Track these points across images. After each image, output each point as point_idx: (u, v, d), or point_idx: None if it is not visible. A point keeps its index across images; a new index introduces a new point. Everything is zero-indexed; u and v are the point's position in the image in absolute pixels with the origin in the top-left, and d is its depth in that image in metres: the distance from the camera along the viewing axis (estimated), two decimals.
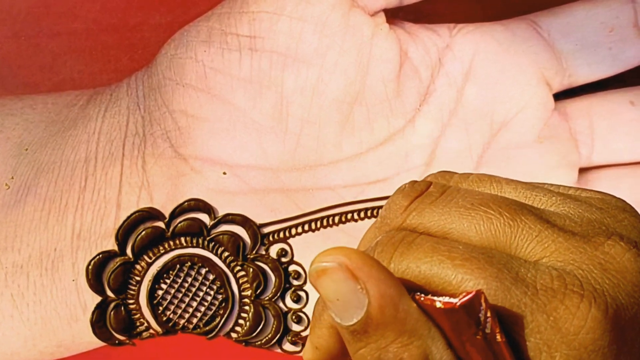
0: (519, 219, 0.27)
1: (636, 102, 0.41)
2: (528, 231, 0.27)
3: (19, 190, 0.40)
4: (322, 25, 0.39)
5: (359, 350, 0.27)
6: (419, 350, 0.26)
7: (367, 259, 0.26)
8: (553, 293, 0.26)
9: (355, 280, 0.26)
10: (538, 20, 0.41)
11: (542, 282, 0.26)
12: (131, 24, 0.43)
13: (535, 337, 0.26)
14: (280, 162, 0.40)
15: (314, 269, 0.26)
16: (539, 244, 0.27)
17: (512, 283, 0.26)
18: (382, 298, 0.26)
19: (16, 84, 0.43)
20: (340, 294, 0.26)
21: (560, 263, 0.27)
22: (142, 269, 0.39)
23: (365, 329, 0.26)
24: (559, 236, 0.27)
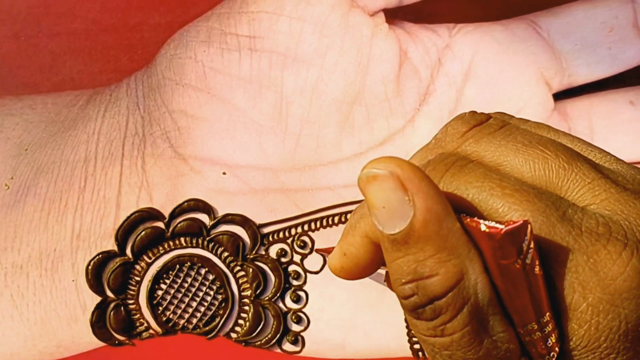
0: (574, 164, 0.28)
1: (636, 102, 0.41)
2: (582, 177, 0.28)
3: (19, 191, 0.40)
4: (322, 25, 0.39)
5: (396, 260, 0.27)
6: (456, 269, 0.27)
7: (418, 172, 0.26)
8: (597, 237, 0.26)
9: (404, 191, 0.26)
10: (538, 20, 0.41)
11: (588, 225, 0.27)
12: (131, 24, 0.43)
13: (572, 275, 0.26)
14: (280, 162, 0.40)
15: (365, 174, 0.27)
16: (590, 190, 0.28)
17: (558, 220, 0.27)
18: (427, 212, 0.26)
19: (16, 84, 0.43)
20: (387, 202, 0.26)
21: (608, 212, 0.27)
22: (141, 269, 0.39)
23: (406, 239, 0.26)
24: (611, 187, 0.28)
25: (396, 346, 0.39)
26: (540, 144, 0.28)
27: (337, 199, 0.40)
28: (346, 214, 0.40)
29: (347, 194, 0.40)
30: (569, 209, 0.27)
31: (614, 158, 0.29)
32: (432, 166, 0.28)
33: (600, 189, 0.28)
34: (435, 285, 0.27)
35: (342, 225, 0.40)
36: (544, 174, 0.28)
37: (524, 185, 0.27)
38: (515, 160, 0.28)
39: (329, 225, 0.40)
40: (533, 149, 0.28)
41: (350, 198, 0.40)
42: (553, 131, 0.30)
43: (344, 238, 0.30)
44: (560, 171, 0.28)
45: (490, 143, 0.29)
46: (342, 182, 0.40)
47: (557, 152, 0.28)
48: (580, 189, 0.28)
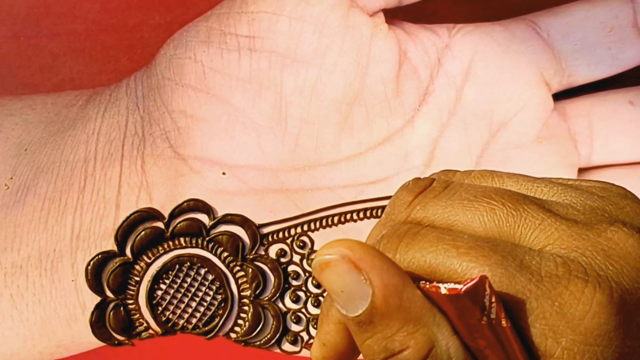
0: (521, 208, 0.28)
1: (635, 102, 0.41)
2: (531, 220, 0.27)
3: (18, 191, 0.40)
4: (321, 26, 0.39)
5: (365, 341, 0.27)
6: (425, 338, 0.27)
7: (369, 250, 0.26)
8: (558, 279, 0.26)
9: (359, 271, 0.26)
10: (537, 20, 0.41)
11: (547, 269, 0.26)
12: (130, 25, 0.43)
13: (541, 323, 0.26)
14: (280, 162, 0.40)
15: (317, 262, 0.27)
16: (542, 232, 0.27)
17: (517, 270, 0.26)
18: (385, 288, 0.26)
19: (15, 84, 0.43)
20: (344, 286, 0.26)
21: (564, 250, 0.27)
22: (141, 269, 0.39)
23: (371, 319, 0.26)
24: (562, 224, 0.27)
25: None
26: (485, 196, 0.28)
27: (337, 199, 0.40)
28: (345, 214, 0.40)
29: (347, 194, 0.40)
30: (526, 255, 0.27)
31: (561, 188, 0.29)
32: (386, 240, 0.28)
33: (551, 229, 0.27)
34: (408, 358, 0.27)
35: (341, 225, 0.40)
36: (495, 224, 0.28)
37: (477, 241, 0.27)
38: (465, 217, 0.28)
39: (329, 226, 0.40)
40: (479, 202, 0.28)
41: (349, 198, 0.40)
42: (497, 176, 0.30)
43: (320, 327, 0.30)
44: (509, 219, 0.28)
45: (437, 206, 0.28)
46: (341, 183, 0.40)
47: (502, 200, 0.28)
48: (532, 232, 0.27)
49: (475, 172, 0.30)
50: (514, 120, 0.41)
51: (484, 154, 0.40)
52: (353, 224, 0.40)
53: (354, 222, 0.40)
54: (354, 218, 0.40)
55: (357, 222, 0.40)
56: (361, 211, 0.40)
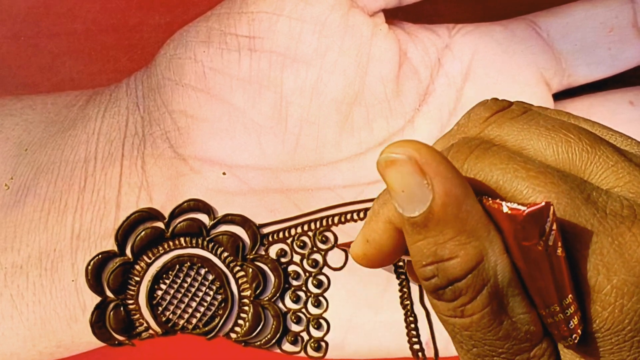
0: (597, 147, 0.28)
1: (635, 102, 0.41)
2: (605, 160, 0.28)
3: (19, 191, 0.40)
4: (322, 26, 0.39)
5: (416, 242, 0.27)
6: (476, 251, 0.27)
7: (436, 156, 0.26)
8: (622, 219, 0.26)
9: (423, 174, 0.26)
10: (537, 20, 0.41)
11: (612, 207, 0.27)
12: (130, 25, 0.43)
13: (597, 257, 0.26)
14: (280, 162, 0.40)
15: (383, 158, 0.27)
16: (613, 173, 0.28)
17: (583, 203, 0.27)
18: (446, 196, 0.26)
19: (16, 85, 0.43)
20: (406, 186, 0.26)
21: (632, 194, 0.27)
22: (141, 270, 0.39)
23: (426, 223, 0.27)
24: (634, 170, 0.28)
25: (396, 346, 0.39)
26: (563, 127, 0.28)
27: (337, 199, 0.40)
28: (346, 214, 0.40)
29: (347, 194, 0.40)
30: (594, 191, 0.27)
31: (635, 142, 0.29)
32: (456, 149, 0.28)
33: (623, 172, 0.27)
34: (455, 267, 0.27)
35: (341, 225, 0.40)
36: (567, 157, 0.28)
37: (548, 168, 0.27)
38: (539, 143, 0.28)
39: (329, 226, 0.40)
40: (556, 133, 0.28)
41: (350, 198, 0.40)
42: (573, 117, 0.30)
43: (367, 225, 0.30)
44: (583, 154, 0.28)
45: (512, 127, 0.29)
46: (342, 183, 0.40)
47: (579, 135, 0.28)
48: (604, 172, 0.28)
49: (552, 109, 0.31)
50: None
51: None
52: (353, 224, 0.40)
53: (354, 222, 0.40)
54: (354, 218, 0.40)
55: (358, 222, 0.40)
56: (361, 211, 0.40)
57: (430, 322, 0.39)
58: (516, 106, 0.30)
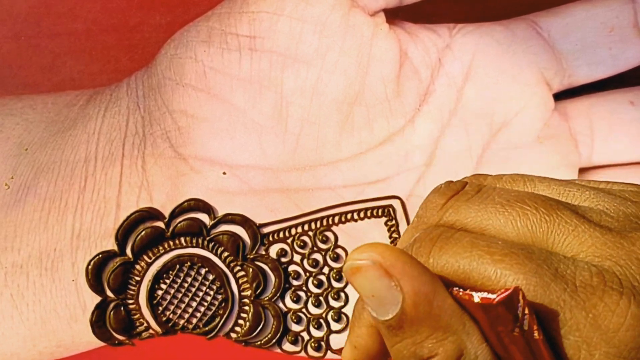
0: (555, 214, 0.28)
1: (636, 102, 0.41)
2: (565, 226, 0.27)
3: (19, 190, 0.40)
4: (322, 26, 0.39)
5: (395, 345, 0.27)
6: (454, 345, 0.27)
7: (400, 256, 0.26)
8: (592, 290, 0.26)
9: (389, 277, 0.26)
10: (538, 20, 0.41)
11: (581, 278, 0.26)
12: (131, 24, 0.43)
13: (574, 334, 0.26)
14: (280, 162, 0.40)
15: (349, 266, 0.27)
16: (575, 238, 0.27)
17: (552, 279, 0.26)
18: (415, 295, 0.26)
19: (16, 84, 0.43)
20: (374, 291, 0.26)
21: (598, 259, 0.27)
22: (141, 269, 0.39)
23: (400, 324, 0.27)
24: (595, 231, 0.27)
25: None
26: (518, 200, 0.28)
27: (337, 199, 0.40)
28: (346, 214, 0.40)
29: (347, 194, 0.40)
30: (561, 264, 0.27)
31: (593, 193, 0.29)
32: (418, 244, 0.28)
33: (585, 235, 0.27)
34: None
35: (342, 225, 0.40)
36: (528, 230, 0.28)
37: (512, 247, 0.27)
38: (497, 221, 0.28)
39: (329, 225, 0.40)
40: (512, 207, 0.28)
41: (350, 198, 0.40)
42: (528, 180, 0.30)
43: (352, 331, 0.30)
44: (542, 224, 0.28)
45: (470, 209, 0.28)
46: (342, 182, 0.40)
47: (536, 205, 0.28)
48: (566, 239, 0.27)
49: (506, 176, 0.30)
50: (514, 120, 0.41)
51: (484, 153, 0.40)
52: (353, 223, 0.40)
53: (354, 222, 0.40)
54: (354, 218, 0.40)
55: (358, 222, 0.40)
56: (362, 211, 0.40)
57: None
58: (469, 186, 0.29)
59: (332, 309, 0.40)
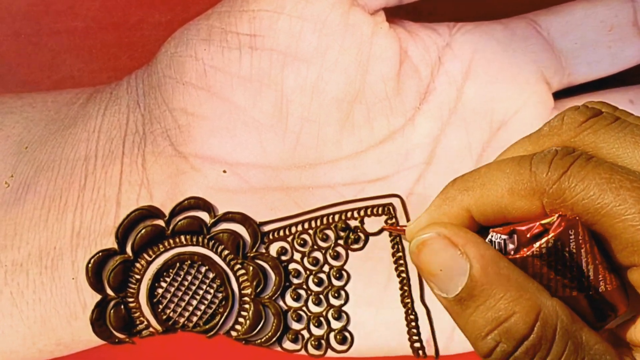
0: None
1: (635, 100, 0.41)
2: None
3: (19, 189, 0.40)
4: (322, 24, 0.39)
5: (469, 318, 0.27)
6: (531, 302, 0.27)
7: (460, 226, 0.27)
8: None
9: (454, 246, 0.27)
10: (537, 19, 0.41)
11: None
12: (131, 23, 0.43)
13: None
14: (280, 160, 0.40)
15: (415, 243, 0.28)
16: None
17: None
18: (482, 258, 0.27)
19: (16, 82, 0.43)
20: (442, 264, 0.27)
21: None
22: (142, 267, 0.39)
23: (472, 292, 0.27)
24: None
25: (396, 344, 0.39)
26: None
27: (338, 197, 0.40)
28: (346, 212, 0.40)
29: (347, 192, 0.40)
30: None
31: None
32: (559, 156, 0.28)
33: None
34: (518, 324, 0.27)
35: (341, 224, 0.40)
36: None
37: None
38: (634, 153, 0.28)
39: (329, 224, 0.40)
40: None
41: (350, 196, 0.40)
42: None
43: (437, 208, 0.30)
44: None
45: (607, 135, 0.29)
46: (342, 181, 0.40)
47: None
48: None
49: (635, 116, 0.31)
50: (514, 118, 0.41)
51: (484, 152, 0.40)
52: (354, 222, 0.40)
53: (354, 220, 0.40)
54: (354, 216, 0.40)
55: (358, 220, 0.40)
56: (362, 209, 0.40)
57: (430, 320, 0.39)
58: (607, 113, 0.30)
59: (333, 307, 0.40)
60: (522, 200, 0.28)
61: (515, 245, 0.28)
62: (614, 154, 0.28)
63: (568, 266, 0.27)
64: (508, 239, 0.28)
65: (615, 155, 0.28)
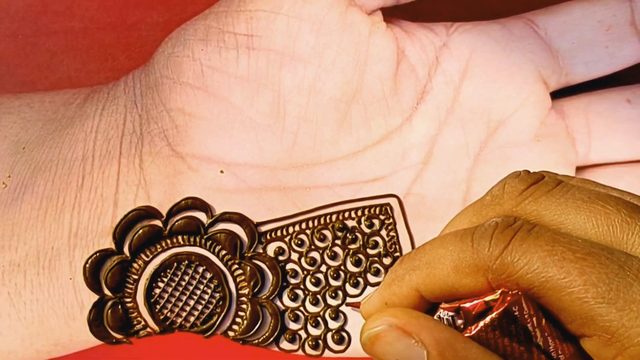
0: (636, 217, 0.28)
1: (633, 100, 0.41)
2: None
3: (16, 189, 0.40)
4: (319, 24, 0.39)
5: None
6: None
7: (411, 311, 0.27)
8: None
9: (408, 335, 0.27)
10: (535, 18, 0.41)
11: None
12: (128, 23, 0.43)
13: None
14: (278, 160, 0.40)
15: (367, 337, 0.27)
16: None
17: (635, 280, 0.26)
18: (438, 344, 0.26)
19: (13, 83, 0.43)
20: (398, 354, 0.27)
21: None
22: (139, 268, 0.39)
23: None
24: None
25: None
26: (599, 199, 0.28)
27: (335, 197, 0.40)
28: (344, 213, 0.40)
29: (345, 192, 0.40)
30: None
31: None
32: (500, 229, 0.28)
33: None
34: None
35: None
36: (608, 230, 0.28)
37: (593, 247, 0.27)
38: (577, 217, 0.28)
39: (327, 224, 0.40)
40: (594, 205, 0.28)
41: (348, 196, 0.40)
42: (600, 185, 0.30)
43: (387, 287, 0.30)
44: (624, 225, 0.28)
45: (549, 201, 0.29)
46: (339, 181, 0.40)
47: (617, 206, 0.28)
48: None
49: (577, 177, 0.31)
50: (511, 118, 0.41)
51: (481, 152, 0.40)
52: (351, 222, 0.40)
53: (352, 220, 0.40)
54: (352, 216, 0.40)
55: (355, 220, 0.40)
56: (359, 209, 0.40)
57: None
58: (549, 178, 0.30)
59: (330, 307, 0.40)
60: (468, 278, 0.28)
61: (463, 321, 0.27)
62: (557, 221, 0.28)
63: (517, 341, 0.27)
64: (455, 316, 0.28)
65: (558, 221, 0.28)
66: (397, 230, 0.40)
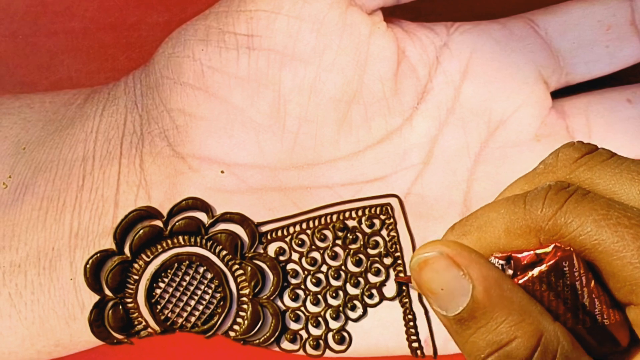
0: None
1: (633, 100, 0.41)
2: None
3: (17, 189, 0.40)
4: (320, 24, 0.39)
5: (469, 338, 0.27)
6: (532, 327, 0.27)
7: (464, 246, 0.27)
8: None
9: (457, 266, 0.27)
10: (535, 18, 0.41)
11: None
12: (129, 23, 0.43)
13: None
14: (278, 160, 0.40)
15: (416, 261, 0.27)
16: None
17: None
18: (485, 280, 0.26)
19: (14, 83, 0.43)
20: (444, 283, 0.27)
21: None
22: (140, 268, 0.39)
23: (473, 314, 0.27)
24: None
25: (394, 344, 0.39)
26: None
27: (335, 198, 0.40)
28: (344, 213, 0.40)
29: (345, 193, 0.40)
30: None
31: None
32: (554, 191, 0.28)
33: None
34: (519, 349, 0.27)
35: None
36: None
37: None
38: (632, 189, 0.28)
39: (327, 224, 0.40)
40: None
41: (348, 196, 0.40)
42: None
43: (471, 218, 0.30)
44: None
45: (604, 171, 0.29)
46: (340, 181, 0.40)
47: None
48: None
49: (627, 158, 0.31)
50: (512, 118, 0.41)
51: (482, 152, 0.40)
52: (352, 222, 0.40)
53: (352, 220, 0.40)
54: (352, 216, 0.40)
55: (356, 220, 0.40)
56: (360, 209, 0.40)
57: (428, 320, 0.39)
58: (603, 149, 0.30)
59: (331, 307, 0.40)
60: (519, 239, 0.28)
61: (513, 271, 0.27)
62: (611, 190, 0.28)
63: (563, 297, 0.27)
64: (505, 265, 0.28)
65: (612, 191, 0.28)
66: (397, 230, 0.40)
